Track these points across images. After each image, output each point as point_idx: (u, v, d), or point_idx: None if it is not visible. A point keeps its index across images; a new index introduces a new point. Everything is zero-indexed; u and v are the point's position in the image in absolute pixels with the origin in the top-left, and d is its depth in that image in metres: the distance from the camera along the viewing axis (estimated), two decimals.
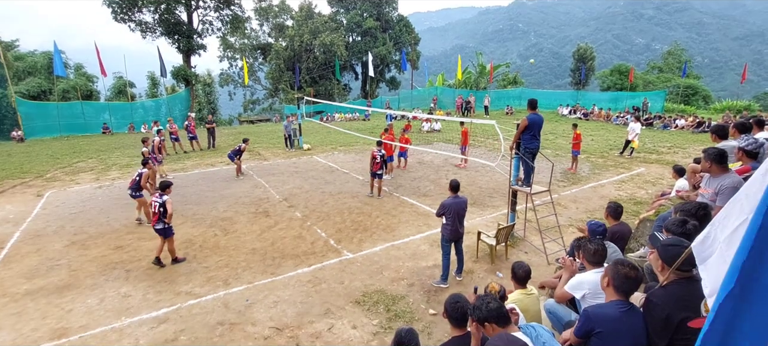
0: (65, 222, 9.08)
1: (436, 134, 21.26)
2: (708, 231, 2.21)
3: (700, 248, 2.25)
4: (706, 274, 2.15)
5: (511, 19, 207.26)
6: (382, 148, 10.50)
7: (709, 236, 2.19)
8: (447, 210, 5.80)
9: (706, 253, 2.20)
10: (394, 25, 47.73)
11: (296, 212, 9.59)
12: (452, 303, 2.91)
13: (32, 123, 22.74)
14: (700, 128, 20.52)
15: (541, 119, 7.13)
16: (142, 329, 5.17)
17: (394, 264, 6.83)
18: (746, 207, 1.88)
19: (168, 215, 6.56)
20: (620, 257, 4.07)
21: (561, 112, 29.28)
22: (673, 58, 44.05)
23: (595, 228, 4.45)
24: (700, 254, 2.24)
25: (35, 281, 6.44)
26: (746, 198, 1.92)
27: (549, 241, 7.21)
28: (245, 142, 13.31)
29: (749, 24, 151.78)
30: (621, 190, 10.88)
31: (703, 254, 2.22)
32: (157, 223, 6.66)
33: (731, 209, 2.05)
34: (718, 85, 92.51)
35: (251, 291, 6.03)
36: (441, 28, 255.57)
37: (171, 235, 6.81)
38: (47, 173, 13.89)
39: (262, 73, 48.72)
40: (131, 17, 28.16)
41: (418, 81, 51.71)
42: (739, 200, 2.00)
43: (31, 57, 32.72)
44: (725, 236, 2.02)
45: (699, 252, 2.26)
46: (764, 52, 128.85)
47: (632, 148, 15.01)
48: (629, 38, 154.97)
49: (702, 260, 2.22)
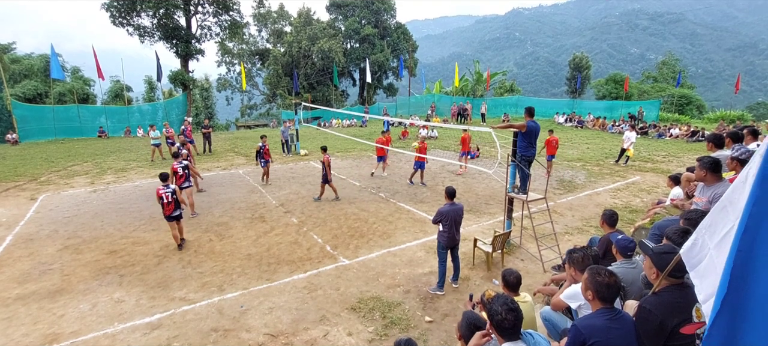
0: (59, 226, 9.00)
1: (433, 141, 21.32)
2: (695, 237, 2.25)
3: (689, 254, 2.28)
4: (699, 280, 2.17)
5: (508, 28, 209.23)
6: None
7: (697, 242, 2.22)
8: (444, 217, 5.79)
9: (695, 259, 2.23)
10: (392, 33, 48.08)
11: (292, 217, 9.56)
12: (468, 325, 2.82)
13: (27, 126, 22.59)
14: (694, 137, 20.72)
15: (538, 127, 7.17)
16: (135, 335, 5.11)
17: (391, 271, 6.80)
18: (732, 215, 1.92)
19: (180, 200, 7.68)
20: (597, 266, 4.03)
21: (557, 120, 29.48)
22: (667, 68, 44.54)
23: (627, 244, 3.86)
24: (690, 260, 2.27)
25: (27, 285, 6.36)
26: (731, 205, 1.96)
27: (545, 248, 7.22)
28: (263, 139, 12.92)
29: (742, 35, 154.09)
30: (616, 198, 10.94)
31: (693, 260, 2.25)
32: (173, 211, 7.51)
33: (717, 215, 2.09)
34: (711, 95, 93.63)
35: (246, 297, 5.98)
36: (438, 35, 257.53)
37: (181, 218, 7.82)
38: (41, 176, 13.78)
39: (260, 78, 48.87)
40: (130, 21, 28.10)
41: (416, 88, 52.00)
42: (724, 207, 2.03)
43: (27, 60, 32.58)
44: (715, 242, 2.06)
45: (688, 258, 2.28)
46: (756, 63, 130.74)
47: (627, 157, 15.11)
48: (624, 48, 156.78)
49: (692, 266, 2.25)
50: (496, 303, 2.62)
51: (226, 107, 50.05)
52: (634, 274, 3.62)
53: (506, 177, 7.45)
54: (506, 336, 2.56)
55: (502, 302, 2.61)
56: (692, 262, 2.25)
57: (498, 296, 2.86)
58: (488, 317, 2.67)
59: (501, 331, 2.56)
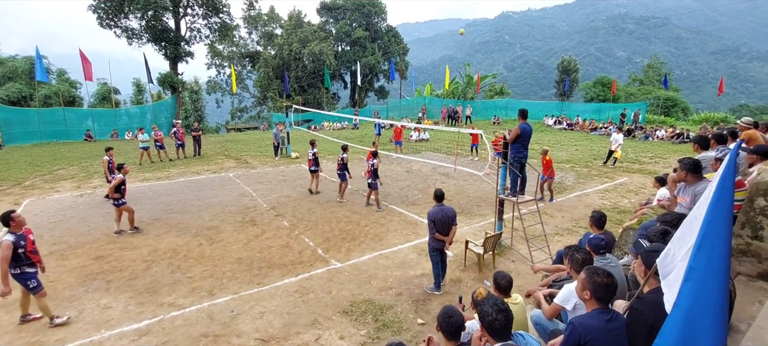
0: (44, 231, 8.79)
1: (424, 144, 21.40)
2: (668, 247, 2.33)
3: (662, 263, 2.35)
4: (667, 289, 2.25)
5: (498, 32, 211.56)
6: (375, 159, 10.14)
7: (670, 252, 2.31)
8: (436, 224, 5.77)
9: (667, 269, 2.31)
10: (383, 36, 48.22)
11: (284, 220, 9.50)
12: (446, 318, 2.86)
13: (11, 129, 22.07)
14: (679, 139, 21.15)
15: (531, 129, 7.26)
16: (123, 342, 5.02)
17: (383, 273, 6.80)
18: (695, 229, 2.00)
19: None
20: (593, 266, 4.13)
21: (546, 123, 29.84)
22: (653, 71, 45.47)
23: (598, 242, 4.07)
24: (663, 269, 2.35)
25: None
26: (696, 221, 2.04)
27: (535, 249, 7.29)
28: (313, 145, 11.70)
29: (724, 39, 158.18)
30: (605, 199, 11.10)
31: (665, 270, 2.32)
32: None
33: (687, 228, 2.17)
34: (696, 98, 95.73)
35: (237, 302, 5.92)
36: (429, 38, 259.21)
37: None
38: (26, 180, 13.48)
39: (251, 81, 48.50)
40: (117, 23, 27.75)
41: (407, 91, 52.17)
42: (692, 221, 2.12)
43: (11, 62, 31.87)
44: (682, 254, 2.13)
45: (662, 267, 2.36)
46: (739, 66, 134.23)
47: (615, 159, 15.36)
48: (611, 51, 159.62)
49: (665, 275, 2.32)
50: (487, 305, 2.64)
51: (216, 110, 49.53)
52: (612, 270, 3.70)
53: (497, 179, 7.51)
54: (497, 337, 2.58)
55: (492, 303, 2.64)
56: (664, 271, 2.33)
57: (488, 297, 2.88)
58: (479, 319, 2.69)
59: (492, 332, 2.58)
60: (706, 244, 1.83)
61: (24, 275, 5.20)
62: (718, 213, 1.82)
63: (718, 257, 1.81)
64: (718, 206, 1.82)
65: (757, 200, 3.73)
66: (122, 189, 8.51)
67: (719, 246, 1.81)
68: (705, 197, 2.02)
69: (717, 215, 1.82)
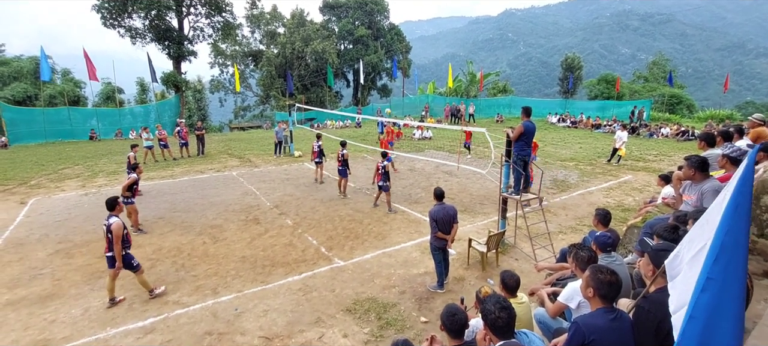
0: (49, 230, 8.87)
1: (427, 142, 21.36)
2: (678, 249, 2.30)
3: (671, 265, 2.32)
4: (673, 291, 2.22)
5: (501, 29, 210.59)
6: (385, 160, 10.12)
7: (679, 254, 2.27)
8: (438, 223, 5.80)
9: (675, 271, 2.28)
10: (386, 34, 48.14)
11: (287, 219, 9.52)
12: (449, 316, 2.86)
13: (17, 129, 22.24)
14: (684, 136, 20.98)
15: (534, 127, 7.22)
16: (128, 339, 5.06)
17: (386, 271, 6.80)
18: (707, 232, 1.96)
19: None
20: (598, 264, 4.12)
21: (550, 121, 29.69)
22: (657, 68, 45.12)
23: (606, 240, 4.01)
24: (671, 271, 2.32)
25: (17, 290, 6.26)
26: (708, 223, 2.00)
27: (539, 248, 7.27)
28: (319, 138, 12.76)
29: (730, 36, 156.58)
30: (609, 197, 11.04)
31: (673, 272, 2.29)
32: (110, 251, 5.67)
33: (697, 230, 2.13)
34: (701, 95, 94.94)
35: (241, 300, 5.94)
36: (432, 36, 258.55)
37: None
38: (31, 179, 13.58)
39: (254, 79, 48.58)
40: (121, 23, 27.85)
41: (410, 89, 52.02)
42: (703, 223, 2.08)
43: (16, 62, 32.15)
44: (690, 257, 2.10)
45: (669, 269, 2.33)
46: (745, 63, 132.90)
47: (619, 156, 15.27)
48: (615, 48, 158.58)
49: (671, 277, 2.30)
50: (489, 302, 2.64)
51: (219, 109, 49.71)
52: (617, 268, 3.67)
53: (500, 177, 7.49)
54: (500, 335, 2.58)
55: (495, 301, 2.64)
56: (672, 273, 2.30)
57: (491, 295, 2.88)
58: (482, 317, 2.69)
59: (495, 330, 2.58)
60: (724, 255, 1.78)
61: (128, 256, 5.60)
62: (736, 222, 1.75)
63: (736, 267, 1.76)
64: (736, 214, 1.76)
65: (763, 198, 3.70)
66: (134, 189, 8.55)
67: (737, 256, 1.76)
68: (719, 200, 1.96)
69: (735, 224, 1.76)
